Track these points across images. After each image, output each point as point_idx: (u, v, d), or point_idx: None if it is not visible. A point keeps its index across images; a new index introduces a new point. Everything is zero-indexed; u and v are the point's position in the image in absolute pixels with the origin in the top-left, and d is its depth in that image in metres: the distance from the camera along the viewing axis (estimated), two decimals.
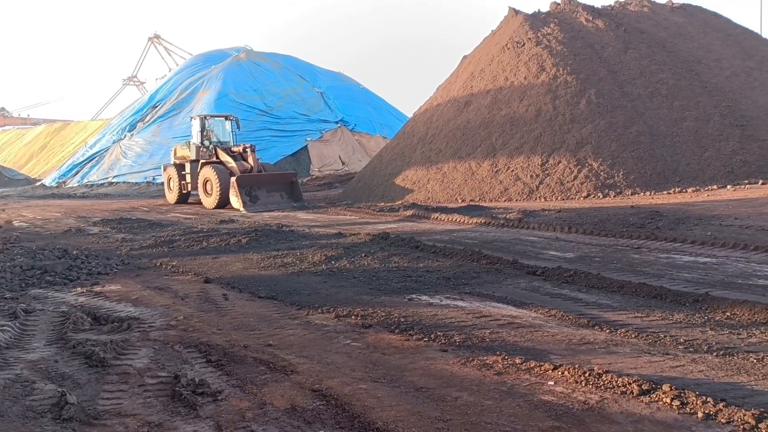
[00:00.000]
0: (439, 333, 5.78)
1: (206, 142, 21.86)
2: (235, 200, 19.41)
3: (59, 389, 4.50)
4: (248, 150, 20.88)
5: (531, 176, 18.77)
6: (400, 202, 18.73)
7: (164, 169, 24.28)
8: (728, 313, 6.18)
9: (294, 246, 11.29)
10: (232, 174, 20.10)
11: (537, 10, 24.61)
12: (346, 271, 8.97)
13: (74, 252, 10.78)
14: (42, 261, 9.83)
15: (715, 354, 5.06)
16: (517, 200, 17.93)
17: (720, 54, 22.65)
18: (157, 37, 61.43)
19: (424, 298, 7.28)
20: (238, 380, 4.75)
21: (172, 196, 23.24)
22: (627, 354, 5.13)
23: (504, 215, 14.08)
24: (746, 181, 17.67)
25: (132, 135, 36.89)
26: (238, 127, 22.35)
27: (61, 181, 37.32)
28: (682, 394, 4.13)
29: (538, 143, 19.42)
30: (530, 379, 4.60)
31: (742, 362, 4.86)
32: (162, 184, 32.11)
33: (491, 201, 17.98)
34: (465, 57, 25.50)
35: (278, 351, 5.44)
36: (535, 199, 17.91)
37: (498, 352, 5.17)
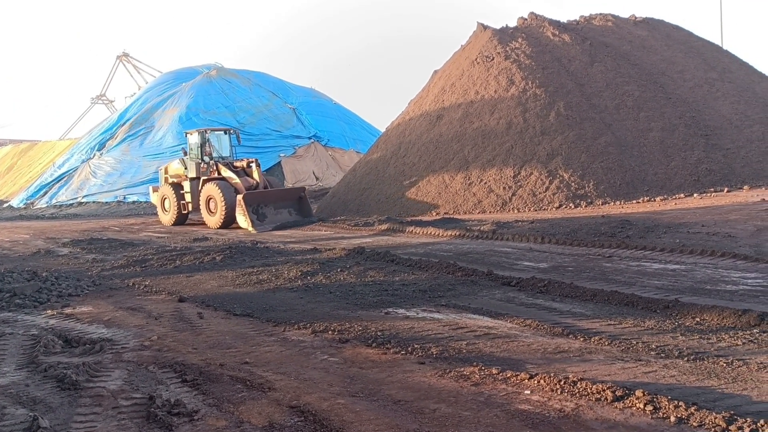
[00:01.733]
0: (416, 346, 5.80)
1: (206, 158, 20.53)
2: (243, 219, 18.26)
3: (31, 414, 4.41)
4: (252, 165, 19.82)
5: (504, 188, 18.98)
6: (375, 216, 18.77)
7: (154, 191, 22.87)
8: (698, 319, 6.32)
9: (269, 262, 11.23)
10: (236, 191, 19.03)
11: (505, 25, 25.04)
12: (322, 286, 8.95)
13: (44, 274, 10.57)
14: (11, 284, 9.62)
15: (686, 359, 5.17)
16: (490, 212, 18.10)
17: (683, 66, 23.27)
18: (125, 55, 60.92)
19: (401, 311, 7.30)
20: (215, 399, 4.70)
21: (168, 218, 21.56)
22: (601, 361, 5.21)
23: (478, 227, 14.20)
24: (712, 189, 18.11)
25: (101, 154, 36.39)
26: (239, 141, 21.21)
27: (28, 202, 36.58)
28: (655, 399, 4.20)
29: (509, 155, 19.67)
30: (507, 389, 4.64)
31: (712, 366, 4.97)
32: (134, 203, 31.85)
33: (465, 213, 18.12)
34: (436, 71, 25.78)
35: (255, 368, 5.40)
36: (509, 210, 18.10)
37: (475, 363, 5.20)
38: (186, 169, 21.02)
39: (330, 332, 6.44)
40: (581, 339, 5.86)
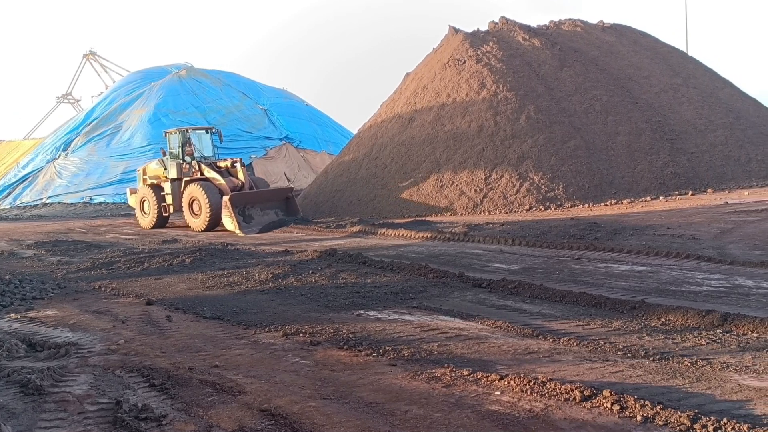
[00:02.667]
0: (387, 348, 5.80)
1: (188, 158, 19.76)
2: (229, 222, 17.61)
3: None
4: (237, 165, 19.27)
5: (475, 190, 19.13)
6: (347, 218, 18.74)
7: (131, 192, 21.97)
8: (663, 319, 6.45)
9: (240, 265, 11.13)
10: (221, 192, 18.39)
11: (476, 29, 25.26)
12: (293, 288, 8.91)
13: (7, 276, 10.32)
14: None
15: (651, 359, 5.27)
16: (462, 214, 18.22)
17: (649, 71, 23.77)
18: (92, 53, 59.74)
19: (373, 313, 7.30)
20: (184, 403, 4.64)
21: (147, 221, 20.61)
22: (570, 362, 5.29)
23: (450, 229, 14.28)
24: (677, 192, 18.53)
25: (67, 154, 35.67)
26: (221, 140, 20.53)
27: None
28: (622, 399, 4.28)
29: (481, 158, 19.84)
30: (478, 390, 4.67)
31: (677, 366, 5.08)
32: (101, 204, 31.26)
33: (437, 215, 18.21)
34: (408, 74, 25.86)
35: (225, 372, 5.35)
36: (480, 212, 18.25)
37: (446, 365, 5.23)
38: (166, 169, 20.31)
39: (301, 335, 6.41)
40: (551, 340, 5.93)
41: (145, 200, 20.84)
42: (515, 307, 7.37)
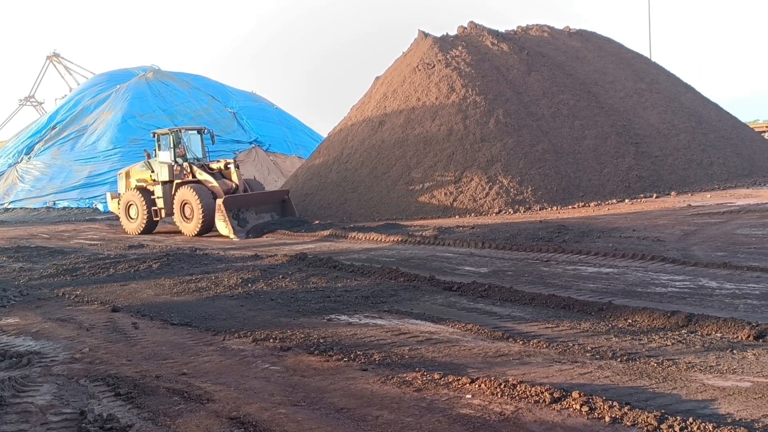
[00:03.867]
0: (358, 352, 5.78)
1: (179, 160, 18.94)
2: (223, 226, 17.02)
3: None
4: (231, 166, 18.59)
5: (445, 194, 19.22)
6: (317, 221, 18.65)
7: (113, 197, 20.97)
8: (630, 320, 6.55)
9: (208, 270, 10.99)
10: (214, 195, 17.78)
11: (445, 33, 25.44)
12: (263, 293, 8.82)
13: None
14: None
15: (619, 360, 5.34)
16: (432, 217, 18.29)
17: (614, 76, 24.23)
18: (56, 55, 58.41)
19: (344, 317, 7.27)
20: (150, 413, 4.55)
21: (134, 226, 19.54)
22: (539, 364, 5.33)
23: (420, 233, 14.31)
24: (642, 195, 18.89)
25: (29, 158, 34.78)
26: (213, 141, 19.77)
27: None
28: (591, 400, 4.33)
29: (451, 161, 19.95)
30: (449, 394, 4.68)
31: (644, 367, 5.16)
32: (65, 209, 30.53)
33: (408, 219, 18.24)
34: (378, 78, 25.90)
35: (193, 379, 5.26)
36: (450, 215, 18.34)
37: (417, 369, 5.23)
38: (153, 172, 19.49)
39: (271, 340, 6.34)
40: (520, 342, 5.97)
41: (131, 205, 19.80)
42: (485, 309, 7.41)
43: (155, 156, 19.73)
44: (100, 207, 29.53)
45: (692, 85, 26.62)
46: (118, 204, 20.30)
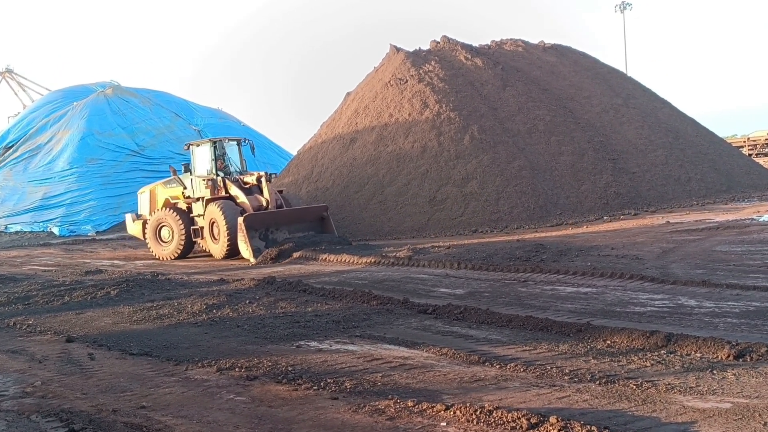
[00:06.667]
0: (329, 380, 5.74)
1: (221, 173, 17.82)
2: (244, 247, 15.93)
3: None
4: (263, 179, 17.32)
5: (419, 213, 19.32)
6: (287, 243, 18.52)
7: (134, 219, 19.72)
8: (609, 341, 6.63)
9: (171, 295, 10.84)
10: (243, 212, 16.67)
11: (418, 48, 25.75)
12: (229, 320, 8.73)
13: None
14: None
15: (598, 382, 5.40)
16: (406, 237, 18.34)
17: (590, 92, 24.75)
18: (8, 71, 57.62)
19: (313, 344, 7.23)
20: None
21: (169, 250, 18.09)
22: (516, 388, 5.36)
23: (394, 253, 14.33)
24: (621, 213, 19.22)
25: None
26: (253, 153, 18.88)
27: None
28: (569, 425, 4.35)
29: (425, 179, 20.09)
30: (423, 422, 4.67)
31: (623, 389, 5.22)
32: (17, 233, 29.85)
33: (381, 239, 18.26)
34: (348, 93, 26.06)
35: (153, 413, 5.17)
36: (425, 235, 18.41)
37: (390, 396, 5.21)
38: (185, 188, 18.40)
39: (237, 369, 6.27)
40: (497, 366, 6.00)
41: (163, 226, 18.32)
42: (461, 333, 7.44)
43: (185, 171, 18.75)
44: (56, 230, 29.01)
45: (668, 100, 27.32)
46: (144, 226, 18.95)
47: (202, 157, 18.31)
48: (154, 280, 12.84)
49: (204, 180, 17.75)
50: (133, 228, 19.88)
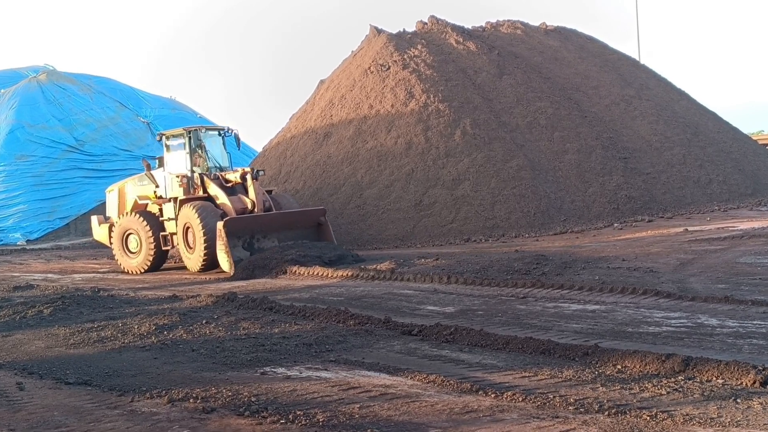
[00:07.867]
0: (298, 412, 5.73)
1: (197, 169, 17.18)
2: (224, 258, 15.28)
3: None
4: (248, 176, 16.54)
5: (404, 218, 19.36)
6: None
7: (101, 222, 18.95)
8: (619, 366, 6.69)
9: (114, 315, 10.79)
10: (224, 216, 15.91)
11: (402, 30, 25.85)
12: (182, 342, 8.69)
13: None
14: None
15: (606, 413, 5.44)
16: (389, 247, 18.36)
17: (598, 81, 25.00)
18: None
19: (281, 370, 7.21)
20: None
21: (137, 261, 17.39)
22: (514, 420, 5.38)
23: (374, 266, 14.35)
24: (633, 220, 19.40)
25: None
26: (238, 145, 18.37)
27: None
28: None
29: (410, 180, 20.14)
30: None
31: (635, 421, 5.26)
32: None
33: (360, 248, 18.25)
34: (322, 81, 26.09)
35: None
36: (410, 245, 18.45)
37: (369, 430, 5.20)
38: (157, 186, 17.67)
39: (191, 400, 6.23)
40: (492, 395, 6.02)
41: (130, 233, 17.56)
42: (451, 357, 7.46)
43: (159, 165, 18.00)
44: None
45: (686, 92, 27.67)
46: (110, 232, 18.28)
47: (175, 150, 17.64)
48: (94, 296, 12.74)
49: (178, 177, 17.03)
50: (99, 233, 19.18)
